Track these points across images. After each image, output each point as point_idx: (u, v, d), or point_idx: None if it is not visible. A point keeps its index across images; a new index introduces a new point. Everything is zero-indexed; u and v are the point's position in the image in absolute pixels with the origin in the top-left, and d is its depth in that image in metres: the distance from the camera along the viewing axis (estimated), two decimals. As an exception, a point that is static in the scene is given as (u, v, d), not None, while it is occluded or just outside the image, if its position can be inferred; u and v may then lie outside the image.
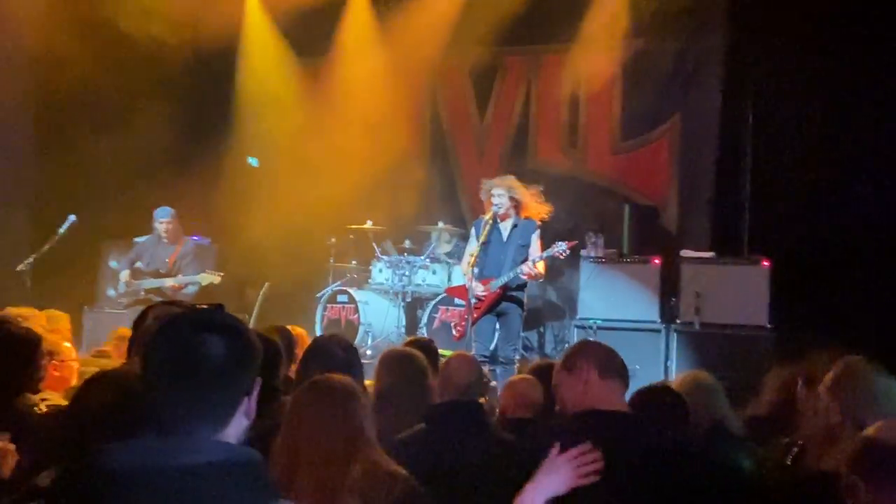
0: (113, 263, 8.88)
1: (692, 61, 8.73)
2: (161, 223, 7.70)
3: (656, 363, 7.13)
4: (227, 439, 1.50)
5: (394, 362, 3.41)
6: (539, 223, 6.93)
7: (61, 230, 7.18)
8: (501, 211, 6.74)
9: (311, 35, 10.02)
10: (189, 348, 1.48)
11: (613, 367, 2.70)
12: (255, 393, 1.57)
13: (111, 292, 8.74)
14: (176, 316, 1.59)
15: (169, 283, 7.51)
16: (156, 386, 1.49)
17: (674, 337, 7.24)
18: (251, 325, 7.78)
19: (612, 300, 7.62)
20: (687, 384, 3.59)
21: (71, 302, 7.53)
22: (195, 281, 7.49)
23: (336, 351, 2.97)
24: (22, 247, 7.22)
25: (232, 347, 1.50)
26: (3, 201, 7.54)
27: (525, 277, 6.67)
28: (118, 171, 8.57)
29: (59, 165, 8.25)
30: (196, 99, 9.24)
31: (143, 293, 7.60)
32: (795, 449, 2.88)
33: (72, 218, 7.26)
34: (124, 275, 7.72)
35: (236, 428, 1.52)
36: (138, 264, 7.76)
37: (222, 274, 7.57)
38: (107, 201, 8.38)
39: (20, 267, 6.92)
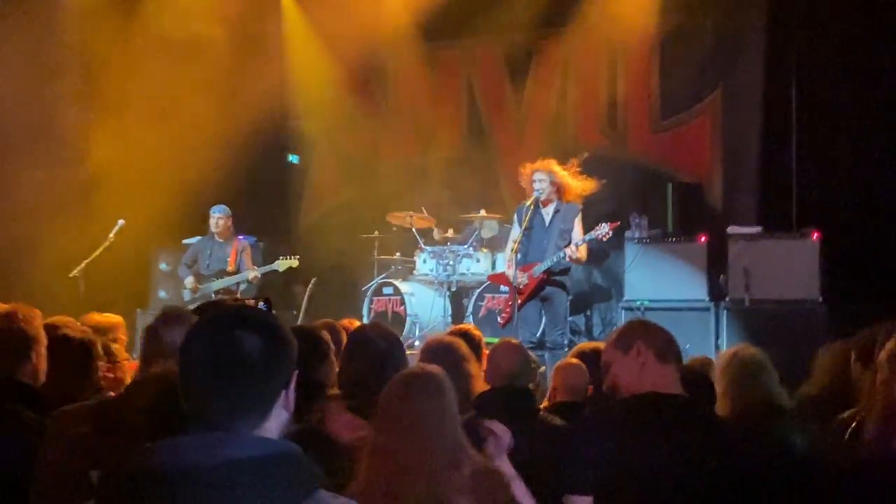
0: (163, 266, 9.05)
1: (733, 35, 8.57)
2: (216, 219, 7.78)
3: (706, 342, 7.04)
4: (268, 433, 1.51)
5: (435, 351, 3.41)
6: (581, 206, 6.89)
7: (111, 235, 7.32)
8: (543, 196, 6.71)
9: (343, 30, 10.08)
10: (224, 346, 1.49)
11: (671, 352, 2.68)
12: (293, 386, 1.58)
13: (163, 294, 8.91)
14: (210, 314, 1.61)
15: (250, 275, 7.56)
16: (193, 384, 1.51)
17: (723, 314, 7.15)
18: (299, 320, 7.90)
19: (659, 280, 7.54)
20: (726, 360, 3.54)
21: (123, 306, 7.69)
22: (274, 268, 7.61)
23: (377, 341, 2.97)
24: (73, 252, 7.37)
25: (267, 343, 1.51)
26: (54, 208, 7.71)
27: (565, 262, 6.63)
28: (164, 173, 8.71)
29: (108, 169, 8.40)
30: (238, 98, 9.33)
31: (213, 296, 7.65)
32: (853, 426, 2.82)
33: (121, 222, 7.40)
34: (189, 282, 7.78)
35: (276, 421, 1.54)
36: (196, 267, 7.83)
37: (298, 257, 7.66)
38: (155, 204, 8.52)
39: (73, 273, 7.08)
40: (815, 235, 6.99)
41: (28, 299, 3.03)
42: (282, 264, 7.57)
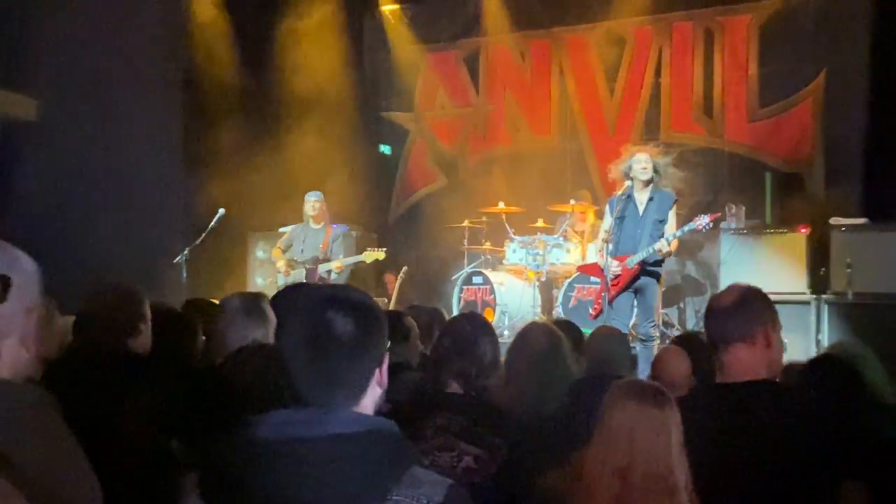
0: (260, 253, 9.32)
1: (836, 17, 8.25)
2: (311, 203, 7.92)
3: (806, 337, 6.83)
4: (364, 409, 1.57)
5: (526, 337, 3.39)
6: (676, 197, 6.73)
7: (212, 223, 7.56)
8: (645, 177, 6.52)
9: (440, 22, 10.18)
10: (319, 327, 1.55)
11: (722, 335, 2.47)
12: (385, 363, 1.62)
13: (260, 280, 9.18)
14: (304, 295, 1.67)
15: (334, 265, 7.71)
16: (292, 364, 1.57)
17: (825, 309, 6.90)
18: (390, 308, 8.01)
19: (757, 272, 7.31)
20: (828, 352, 3.42)
21: (223, 292, 7.96)
22: (361, 259, 7.74)
23: (463, 325, 2.99)
24: (176, 240, 7.66)
25: (360, 323, 1.56)
26: (157, 198, 8.02)
27: (656, 256, 6.50)
28: (263, 163, 8.96)
29: (209, 160, 8.70)
30: (334, 87, 9.53)
31: (305, 280, 7.81)
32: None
33: (222, 211, 7.64)
34: (281, 266, 7.97)
35: (371, 398, 1.59)
36: (289, 253, 8.03)
37: (385, 249, 7.77)
38: (253, 194, 8.78)
39: (176, 260, 7.35)
40: (924, 227, 6.68)
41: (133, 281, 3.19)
42: (368, 256, 7.67)
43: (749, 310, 2.51)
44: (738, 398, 2.42)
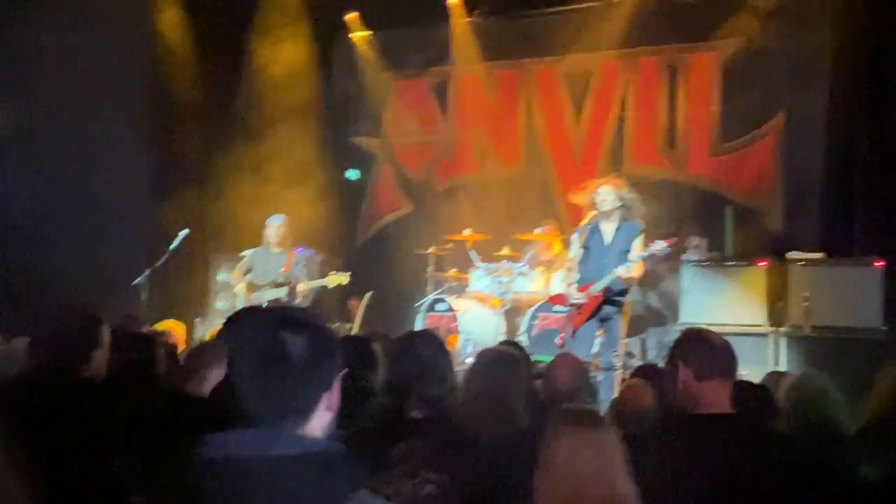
0: (222, 276, 9.23)
1: (798, 58, 8.46)
2: (274, 227, 7.88)
3: (764, 369, 6.86)
4: (312, 432, 1.57)
5: (484, 360, 3.39)
6: (643, 227, 6.81)
7: (174, 245, 7.48)
8: (607, 208, 6.59)
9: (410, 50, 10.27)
10: (271, 346, 1.55)
11: (714, 368, 2.59)
12: (336, 387, 1.63)
13: (220, 304, 9.08)
14: (258, 315, 1.67)
15: (298, 287, 7.65)
16: (241, 384, 1.57)
17: (782, 341, 7.00)
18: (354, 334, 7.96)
19: (717, 305, 7.42)
20: (792, 385, 3.48)
21: (183, 314, 7.87)
22: (323, 283, 7.68)
23: (420, 348, 2.98)
24: (137, 261, 7.57)
25: (312, 345, 1.57)
26: (118, 219, 7.93)
27: (620, 283, 6.55)
28: (229, 185, 8.92)
29: (172, 181, 8.64)
30: (297, 114, 9.54)
31: (265, 305, 7.74)
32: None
33: (184, 233, 7.56)
34: (240, 289, 7.91)
35: (320, 421, 1.59)
36: (249, 276, 7.97)
37: (349, 273, 7.73)
38: (217, 216, 8.72)
39: (136, 281, 7.25)
40: (878, 263, 6.81)
41: (94, 307, 3.16)
42: (332, 280, 7.64)
43: (734, 352, 2.68)
44: (719, 429, 2.54)
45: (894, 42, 7.26)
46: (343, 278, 7.63)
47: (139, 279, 7.23)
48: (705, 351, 2.63)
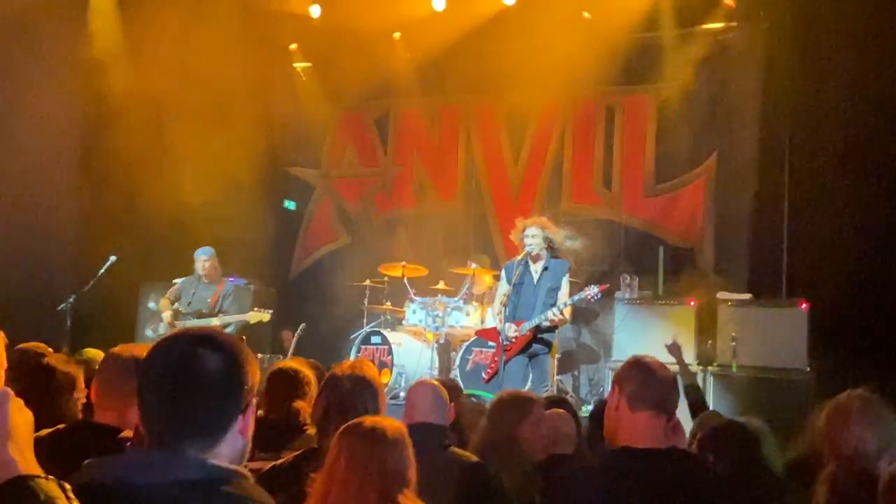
0: (152, 305, 9.02)
1: (728, 103, 8.72)
2: (201, 261, 7.79)
3: (692, 406, 6.99)
4: (220, 457, 1.49)
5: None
6: (570, 265, 6.91)
7: (102, 270, 7.30)
8: (535, 251, 6.73)
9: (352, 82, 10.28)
10: (183, 362, 1.49)
11: (647, 397, 2.49)
12: (251, 412, 1.55)
13: (149, 333, 8.85)
14: (175, 332, 1.61)
15: (215, 322, 7.53)
16: (148, 400, 1.50)
17: (710, 380, 7.12)
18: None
19: (648, 342, 7.45)
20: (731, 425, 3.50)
21: (109, 341, 7.63)
22: (244, 319, 7.56)
23: (343, 384, 2.94)
24: (63, 286, 7.35)
25: (228, 364, 1.50)
26: (45, 241, 7.70)
27: (548, 324, 6.62)
28: (159, 212, 8.74)
29: (101, 206, 8.43)
30: (239, 142, 9.44)
31: None
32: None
33: (112, 258, 7.38)
34: (166, 316, 7.77)
35: (230, 447, 1.51)
36: (177, 305, 7.83)
37: (271, 311, 7.62)
38: (147, 243, 8.53)
39: (61, 306, 7.04)
40: (804, 305, 7.00)
41: (14, 330, 3.02)
42: (253, 316, 7.54)
43: (674, 385, 2.62)
44: (656, 464, 2.46)
45: (820, 87, 7.53)
46: (264, 315, 7.54)
47: (63, 304, 7.02)
48: (643, 380, 2.52)
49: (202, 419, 1.48)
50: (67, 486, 1.24)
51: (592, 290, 6.54)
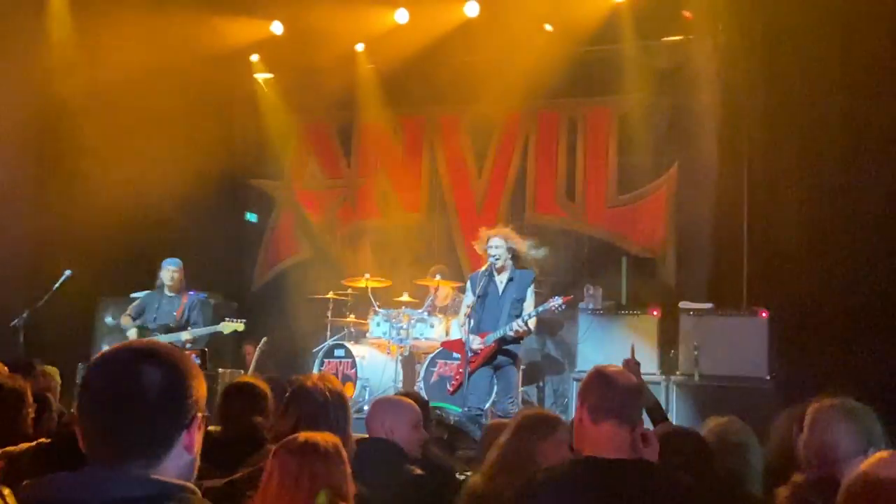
0: (109, 319, 8.85)
1: (688, 114, 8.81)
2: (170, 272, 7.67)
3: (656, 416, 7.01)
4: (165, 473, 1.44)
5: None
6: (535, 275, 6.93)
7: (57, 284, 7.15)
8: (499, 263, 6.74)
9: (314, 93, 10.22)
10: (123, 378, 1.44)
11: (608, 408, 2.48)
12: (196, 427, 1.50)
13: (106, 348, 8.68)
14: (115, 346, 1.56)
15: (185, 335, 7.41)
16: (88, 416, 1.45)
17: (673, 389, 7.16)
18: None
19: (611, 352, 7.48)
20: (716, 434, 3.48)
21: (65, 357, 7.47)
22: (218, 330, 7.45)
23: (315, 397, 2.91)
24: (17, 301, 7.18)
25: (168, 378, 1.45)
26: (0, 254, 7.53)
27: (513, 335, 6.62)
28: (116, 225, 8.57)
29: (56, 219, 8.26)
30: (198, 153, 9.31)
31: None
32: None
33: (68, 272, 7.25)
34: (132, 333, 7.64)
35: (176, 463, 1.46)
36: (140, 321, 7.68)
37: (244, 321, 7.52)
38: (103, 256, 8.36)
39: (14, 322, 6.88)
40: (764, 314, 7.08)
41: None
42: (226, 326, 7.45)
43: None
44: (617, 474, 2.45)
45: (778, 98, 7.66)
46: (239, 325, 7.45)
47: (16, 320, 6.86)
48: (602, 390, 2.52)
49: (144, 435, 1.43)
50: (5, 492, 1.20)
51: (556, 302, 6.57)
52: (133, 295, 8.23)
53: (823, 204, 7.49)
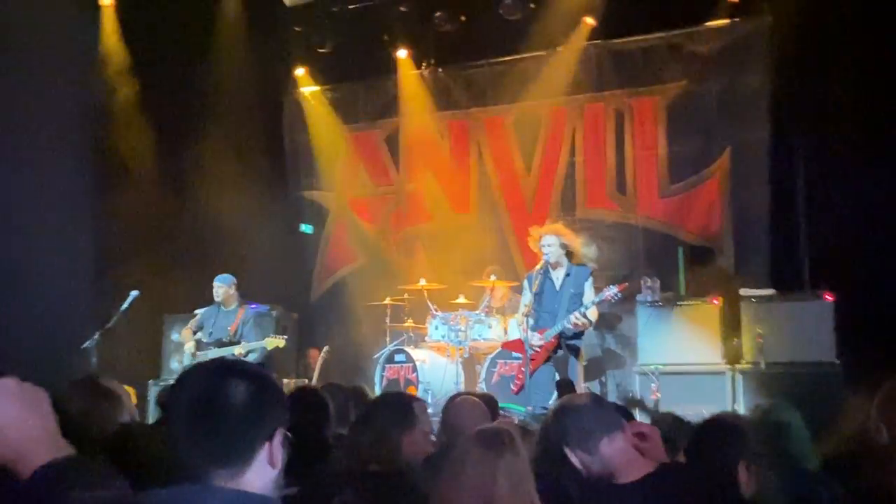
0: (175, 336, 9.06)
1: (738, 98, 8.69)
2: (219, 288, 7.83)
3: (722, 406, 6.93)
4: (248, 487, 1.49)
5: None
6: (592, 269, 6.90)
7: (124, 306, 7.34)
8: (552, 259, 6.73)
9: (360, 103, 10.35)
10: (210, 391, 1.50)
11: (586, 431, 2.46)
12: (279, 441, 1.56)
13: (175, 365, 8.90)
14: (201, 364, 1.62)
15: (236, 350, 7.56)
16: (176, 429, 1.51)
17: (739, 378, 7.06)
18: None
19: (673, 344, 7.47)
20: (757, 417, 3.47)
21: (136, 376, 7.69)
22: (261, 346, 7.58)
23: (383, 415, 2.93)
24: (87, 324, 7.39)
25: (252, 392, 1.51)
26: (65, 279, 7.74)
27: (572, 328, 6.59)
28: (181, 244, 8.80)
29: (122, 241, 8.48)
30: (254, 167, 9.50)
31: None
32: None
33: (134, 293, 7.43)
34: (189, 347, 7.82)
35: (260, 476, 1.51)
36: (199, 335, 7.86)
37: (286, 337, 7.64)
38: (168, 275, 8.57)
39: (86, 344, 7.08)
40: (828, 296, 6.94)
41: (38, 371, 3.04)
42: (270, 343, 7.57)
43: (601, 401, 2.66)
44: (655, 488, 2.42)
45: (829, 76, 7.49)
46: (280, 341, 7.56)
47: (88, 342, 7.06)
48: (568, 423, 2.48)
49: (231, 450, 1.49)
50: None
51: (612, 291, 6.52)
52: (196, 311, 8.42)
53: (882, 179, 7.30)
